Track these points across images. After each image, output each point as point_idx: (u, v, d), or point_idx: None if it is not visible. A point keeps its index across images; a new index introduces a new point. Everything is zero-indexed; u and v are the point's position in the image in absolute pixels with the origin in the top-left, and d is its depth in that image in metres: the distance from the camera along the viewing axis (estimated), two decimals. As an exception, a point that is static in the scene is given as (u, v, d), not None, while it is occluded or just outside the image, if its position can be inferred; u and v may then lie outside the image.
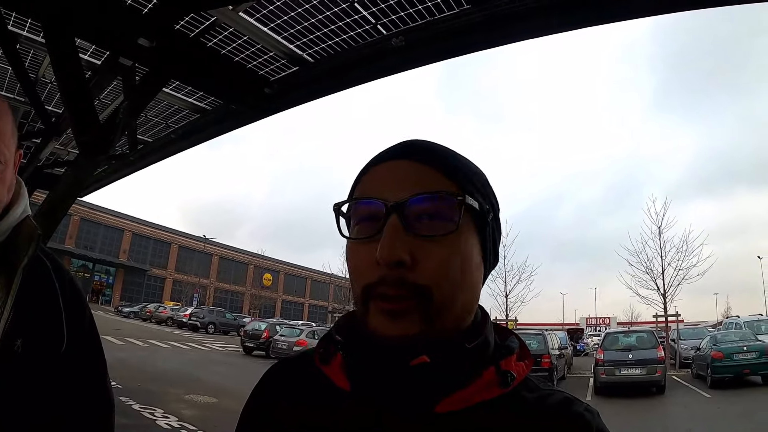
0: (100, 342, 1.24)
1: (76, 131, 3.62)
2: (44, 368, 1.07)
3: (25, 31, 4.29)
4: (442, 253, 0.61)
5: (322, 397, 0.67)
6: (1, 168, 1.07)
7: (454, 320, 0.63)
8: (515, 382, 0.64)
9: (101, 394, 1.22)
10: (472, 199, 0.64)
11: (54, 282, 1.14)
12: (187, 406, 9.65)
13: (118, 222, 51.93)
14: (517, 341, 0.70)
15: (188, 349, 22.18)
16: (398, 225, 0.60)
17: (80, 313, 1.18)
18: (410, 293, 0.60)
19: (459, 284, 0.62)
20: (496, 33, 2.86)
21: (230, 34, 3.68)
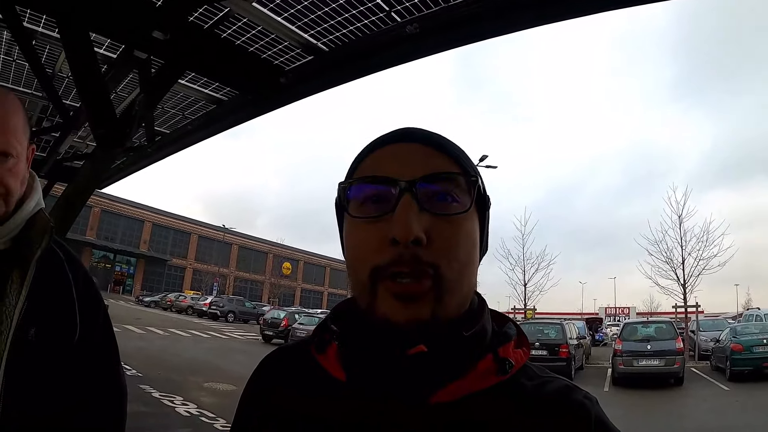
0: (113, 332, 1.29)
1: (93, 124, 3.65)
2: (58, 357, 1.10)
3: (40, 27, 4.31)
4: (452, 232, 0.62)
5: (317, 386, 0.67)
6: (13, 162, 1.09)
7: (459, 302, 0.63)
8: (513, 370, 0.64)
9: (114, 382, 1.26)
10: (480, 180, 0.65)
11: (67, 273, 1.18)
12: (207, 393, 9.80)
13: (139, 213, 52.67)
14: (515, 328, 0.70)
15: (208, 338, 22.49)
16: (412, 203, 0.60)
17: (94, 303, 1.22)
18: (424, 272, 0.59)
19: (466, 264, 0.63)
20: (511, 18, 2.80)
21: (244, 24, 3.66)
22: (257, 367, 0.79)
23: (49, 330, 1.10)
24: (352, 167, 0.69)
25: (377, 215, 0.62)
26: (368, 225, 0.62)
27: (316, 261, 70.02)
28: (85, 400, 1.16)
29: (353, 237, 0.64)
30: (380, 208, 0.62)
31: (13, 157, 1.09)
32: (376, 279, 0.61)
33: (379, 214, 0.62)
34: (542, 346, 14.78)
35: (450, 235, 0.61)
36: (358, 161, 0.68)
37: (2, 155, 1.07)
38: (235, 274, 60.30)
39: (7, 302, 1.04)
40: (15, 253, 1.10)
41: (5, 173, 1.08)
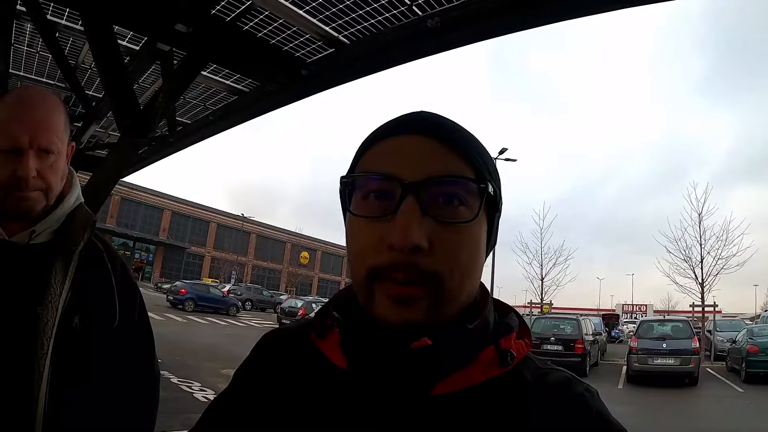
0: (149, 321, 1.33)
1: (117, 115, 3.71)
2: (99, 343, 1.17)
3: (63, 19, 4.38)
4: (457, 239, 0.59)
5: (316, 373, 0.65)
6: (54, 158, 1.14)
7: (458, 307, 0.61)
8: (515, 362, 0.63)
9: (149, 369, 1.33)
10: (490, 186, 0.61)
11: (106, 264, 1.25)
12: (224, 380, 9.90)
13: (158, 201, 53.24)
14: (517, 319, 0.69)
15: (225, 325, 22.77)
16: (415, 207, 0.57)
17: (131, 292, 1.29)
18: (422, 280, 0.57)
19: (468, 273, 0.61)
20: (535, 12, 2.77)
21: (266, 17, 3.69)
22: (255, 346, 0.77)
23: (91, 318, 1.16)
24: (357, 155, 0.66)
25: (378, 216, 0.59)
26: (369, 224, 0.60)
27: (333, 250, 70.20)
28: (122, 385, 1.22)
29: (354, 234, 0.62)
30: (382, 206, 0.59)
31: (54, 153, 1.14)
32: (373, 280, 0.59)
33: (381, 214, 0.59)
34: (558, 341, 14.76)
35: (454, 243, 0.59)
36: (362, 151, 0.65)
37: (44, 152, 1.12)
38: (253, 263, 60.76)
39: (52, 292, 1.10)
40: (58, 246, 1.16)
41: (46, 169, 1.13)
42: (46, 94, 1.18)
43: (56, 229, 1.18)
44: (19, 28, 4.64)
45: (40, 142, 1.10)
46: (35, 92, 1.19)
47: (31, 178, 1.10)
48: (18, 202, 1.11)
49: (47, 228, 1.17)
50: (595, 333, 18.89)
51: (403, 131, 0.62)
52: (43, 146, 1.11)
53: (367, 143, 0.65)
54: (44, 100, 1.15)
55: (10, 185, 1.09)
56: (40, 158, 1.11)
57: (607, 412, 0.62)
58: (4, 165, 1.09)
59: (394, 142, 0.62)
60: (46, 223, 1.16)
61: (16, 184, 1.09)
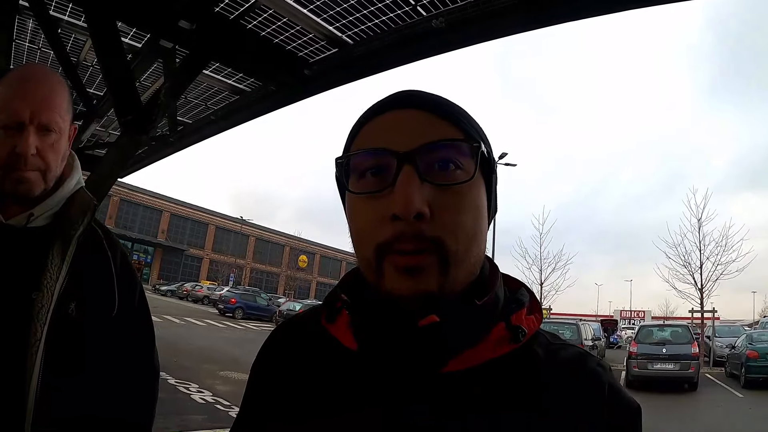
0: (149, 311, 1.29)
1: (119, 112, 3.70)
2: (96, 332, 1.12)
3: (66, 15, 4.37)
4: (457, 202, 0.59)
5: (328, 356, 0.65)
6: (55, 137, 1.11)
7: (467, 272, 0.61)
8: (526, 338, 0.62)
9: (148, 360, 1.28)
10: (483, 146, 0.62)
11: (106, 251, 1.20)
12: (221, 382, 9.90)
13: (157, 202, 53.21)
14: (528, 294, 0.69)
15: (223, 328, 22.71)
16: (413, 175, 0.57)
17: (131, 281, 1.25)
18: (428, 247, 0.57)
19: (473, 234, 0.60)
20: (542, 13, 2.77)
21: (270, 15, 3.68)
22: (268, 338, 0.78)
23: (88, 305, 1.12)
24: (350, 138, 0.66)
25: (377, 190, 0.59)
26: (369, 200, 0.60)
27: (332, 254, 70.21)
28: (120, 376, 1.18)
29: (355, 214, 0.62)
30: (380, 181, 0.59)
31: (56, 132, 1.10)
32: (381, 255, 0.59)
33: (379, 189, 0.59)
34: (557, 346, 14.72)
35: (455, 206, 0.59)
36: (355, 131, 0.65)
37: (45, 130, 1.08)
38: (252, 266, 60.72)
39: (48, 276, 1.06)
40: (56, 230, 1.12)
41: (47, 148, 1.09)
42: (50, 73, 1.15)
43: (55, 213, 1.15)
44: (21, 24, 4.62)
45: (41, 118, 1.07)
46: (39, 69, 1.16)
47: (30, 155, 1.06)
48: (15, 184, 1.08)
49: (46, 211, 1.13)
50: (595, 338, 18.90)
51: (391, 107, 0.63)
52: (44, 123, 1.08)
53: (359, 124, 0.65)
54: (48, 77, 1.12)
55: (8, 164, 1.06)
56: (41, 136, 1.08)
57: (620, 386, 0.62)
58: (3, 142, 1.06)
59: (384, 119, 0.63)
60: (45, 206, 1.13)
61: (14, 162, 1.06)
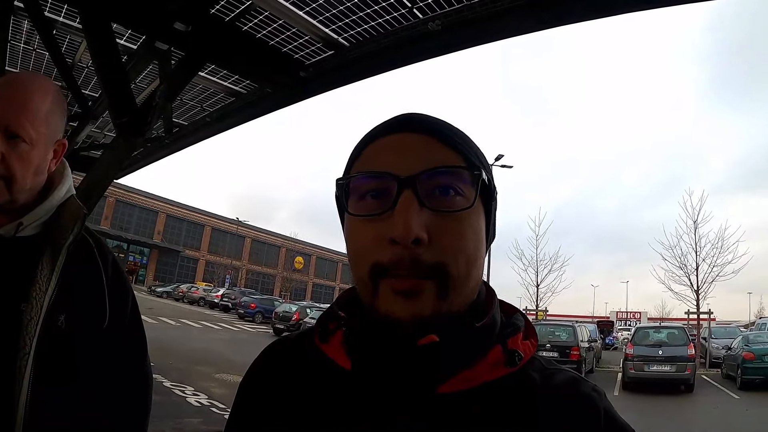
0: (142, 321, 1.27)
1: (114, 114, 3.67)
2: (86, 344, 1.10)
3: (61, 16, 4.35)
4: (456, 228, 0.59)
5: (320, 375, 0.65)
6: (25, 148, 1.05)
7: (465, 297, 0.61)
8: (522, 362, 0.62)
9: (140, 372, 1.25)
10: (484, 173, 0.62)
11: (98, 260, 1.17)
12: (217, 384, 9.88)
13: (153, 204, 53.13)
14: (523, 319, 0.69)
15: (219, 330, 22.67)
16: (413, 200, 0.57)
17: (123, 292, 1.22)
18: (426, 272, 0.57)
19: (473, 261, 0.60)
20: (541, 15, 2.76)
21: (266, 17, 3.67)
22: (259, 356, 0.77)
23: (79, 317, 1.09)
24: (351, 159, 0.66)
25: (376, 213, 0.59)
26: (368, 223, 0.60)
27: (328, 256, 70.19)
28: (112, 389, 1.16)
29: (353, 235, 0.62)
30: (380, 204, 0.59)
31: (26, 142, 1.04)
32: (377, 277, 0.59)
33: (379, 212, 0.59)
34: (554, 347, 14.77)
35: (455, 232, 0.59)
36: (356, 153, 0.65)
37: (12, 137, 1.03)
38: (248, 267, 60.66)
39: (37, 288, 1.03)
40: (46, 239, 1.10)
41: (13, 156, 1.03)
42: (40, 80, 1.11)
43: (45, 222, 1.12)
44: (16, 25, 4.59)
45: (8, 124, 1.01)
46: (25, 76, 1.13)
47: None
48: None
49: (36, 220, 1.10)
50: (591, 340, 18.92)
51: (393, 131, 0.63)
52: (11, 128, 1.02)
53: (360, 147, 0.65)
54: (32, 83, 1.08)
55: None
56: (8, 143, 1.02)
57: (616, 412, 0.63)
58: None
59: (385, 142, 0.63)
60: (35, 215, 1.10)
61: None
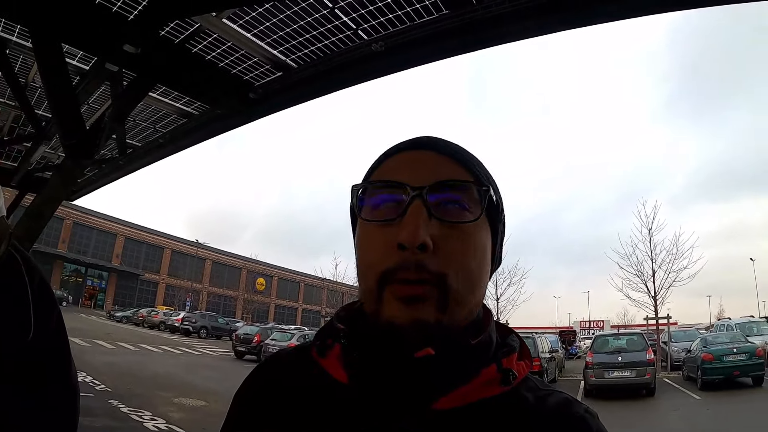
0: (66, 334, 1.32)
1: (63, 135, 3.67)
2: (12, 356, 1.14)
3: (14, 36, 4.32)
4: (461, 241, 0.62)
5: (317, 389, 0.65)
6: None
7: (466, 313, 0.63)
8: (516, 381, 0.63)
9: (66, 383, 1.29)
10: (491, 190, 0.65)
11: (24, 276, 1.21)
12: (176, 409, 9.65)
13: (111, 226, 51.75)
14: (518, 340, 0.70)
15: (180, 354, 22.11)
16: (422, 209, 0.61)
17: (48, 306, 1.26)
18: (430, 278, 0.60)
19: (476, 276, 0.63)
20: (473, 37, 2.92)
21: (214, 40, 3.74)
22: (255, 369, 0.78)
23: (4, 331, 1.14)
24: (369, 171, 0.69)
25: (388, 219, 0.62)
26: (378, 229, 0.63)
27: (290, 276, 69.43)
28: (39, 399, 1.20)
29: (363, 240, 0.65)
30: (392, 212, 0.62)
31: None
32: (383, 283, 0.61)
33: (390, 218, 0.62)
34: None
35: (458, 244, 0.61)
36: (375, 166, 0.69)
37: None
38: (209, 290, 59.39)
39: None
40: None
41: None
42: None
43: None
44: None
45: None
46: None
47: None
48: None
49: None
50: (552, 350, 19.25)
51: (412, 147, 0.68)
52: None
53: (379, 160, 0.69)
54: None
55: None
56: None
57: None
58: None
59: (403, 156, 0.67)
60: None
61: None
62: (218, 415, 9.41)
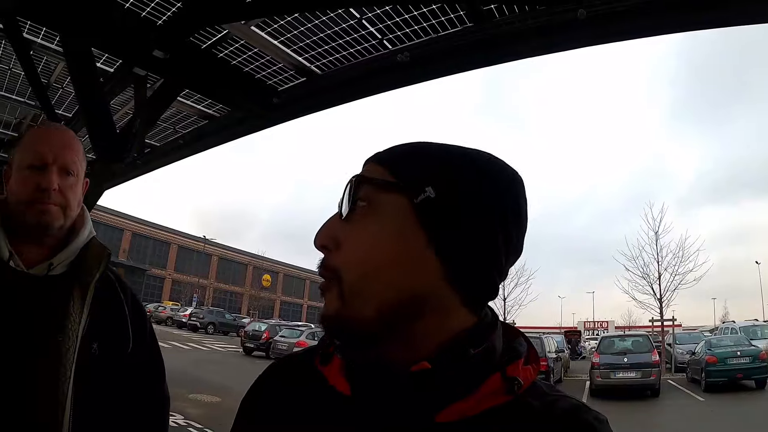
0: (158, 345, 1.44)
1: (93, 139, 3.77)
2: (115, 365, 1.27)
3: (39, 38, 4.43)
4: (354, 236, 0.64)
5: (320, 400, 0.66)
6: (73, 180, 1.28)
7: (371, 302, 0.62)
8: (521, 389, 0.62)
9: (159, 391, 1.42)
10: (386, 180, 0.65)
11: (119, 293, 1.34)
12: (192, 405, 9.81)
13: (118, 221, 51.97)
14: (525, 343, 0.69)
15: (189, 349, 22.32)
16: (336, 213, 0.67)
17: (142, 319, 1.40)
18: (328, 274, 0.65)
19: (367, 265, 0.63)
20: (496, 51, 3.00)
21: (241, 46, 3.83)
22: (259, 376, 0.80)
23: (108, 344, 1.26)
24: None
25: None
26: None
27: (296, 273, 69.60)
28: (136, 405, 1.32)
29: None
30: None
31: (74, 176, 1.28)
32: None
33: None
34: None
35: (350, 238, 0.64)
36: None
37: (65, 172, 1.26)
38: (215, 286, 59.73)
39: (71, 321, 1.20)
40: (74, 277, 1.26)
41: (66, 188, 1.26)
42: (67, 129, 1.36)
43: (72, 261, 1.29)
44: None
45: (63, 161, 1.24)
46: (57, 124, 1.41)
47: (53, 190, 1.22)
48: (39, 216, 1.22)
49: (64, 260, 1.27)
50: (558, 350, 19.33)
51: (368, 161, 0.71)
52: (65, 165, 1.25)
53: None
54: (67, 131, 1.33)
55: (33, 198, 1.21)
56: (61, 176, 1.24)
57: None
58: (29, 179, 1.22)
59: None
60: (63, 256, 1.27)
61: (39, 196, 1.21)
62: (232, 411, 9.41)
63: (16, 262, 1.21)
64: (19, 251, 1.23)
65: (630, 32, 2.60)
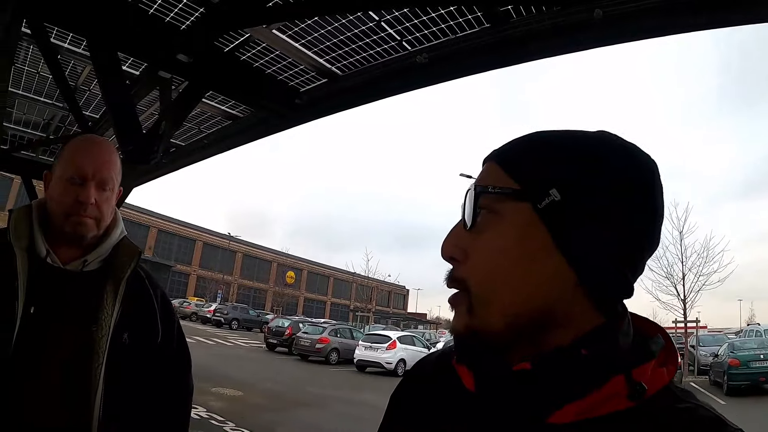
0: (185, 338, 1.52)
1: (121, 141, 3.87)
2: (145, 357, 1.37)
3: (66, 43, 4.57)
4: (480, 246, 0.62)
5: (452, 395, 0.68)
6: (108, 194, 1.37)
7: (501, 314, 0.60)
8: (647, 395, 0.57)
9: (185, 381, 1.50)
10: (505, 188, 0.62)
11: (149, 288, 1.43)
12: (215, 398, 9.99)
13: (144, 219, 52.92)
14: (663, 341, 0.64)
15: (213, 345, 22.67)
16: (460, 222, 0.65)
17: (170, 313, 1.50)
18: (456, 285, 0.63)
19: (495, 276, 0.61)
20: (513, 52, 3.01)
21: (263, 48, 3.90)
22: (410, 369, 0.85)
23: (139, 335, 1.36)
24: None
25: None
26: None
27: (319, 270, 70.09)
28: (162, 393, 1.41)
29: None
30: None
31: (109, 190, 1.36)
32: None
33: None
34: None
35: (478, 250, 0.62)
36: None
37: (102, 187, 1.34)
38: (239, 282, 60.43)
39: (105, 313, 1.30)
40: (107, 273, 1.36)
41: (102, 201, 1.34)
42: (107, 142, 1.43)
43: (104, 258, 1.38)
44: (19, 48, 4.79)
45: (101, 176, 1.33)
46: (99, 138, 1.46)
47: (90, 204, 1.31)
48: (75, 226, 1.32)
49: (97, 257, 1.37)
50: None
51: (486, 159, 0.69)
52: (103, 182, 1.33)
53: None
54: (107, 145, 1.40)
55: (71, 210, 1.30)
56: (98, 190, 1.33)
57: None
58: (68, 191, 1.31)
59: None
60: (96, 253, 1.37)
61: (76, 208, 1.30)
62: (254, 405, 9.71)
63: (53, 258, 1.32)
64: (56, 249, 1.33)
65: (648, 31, 2.59)
